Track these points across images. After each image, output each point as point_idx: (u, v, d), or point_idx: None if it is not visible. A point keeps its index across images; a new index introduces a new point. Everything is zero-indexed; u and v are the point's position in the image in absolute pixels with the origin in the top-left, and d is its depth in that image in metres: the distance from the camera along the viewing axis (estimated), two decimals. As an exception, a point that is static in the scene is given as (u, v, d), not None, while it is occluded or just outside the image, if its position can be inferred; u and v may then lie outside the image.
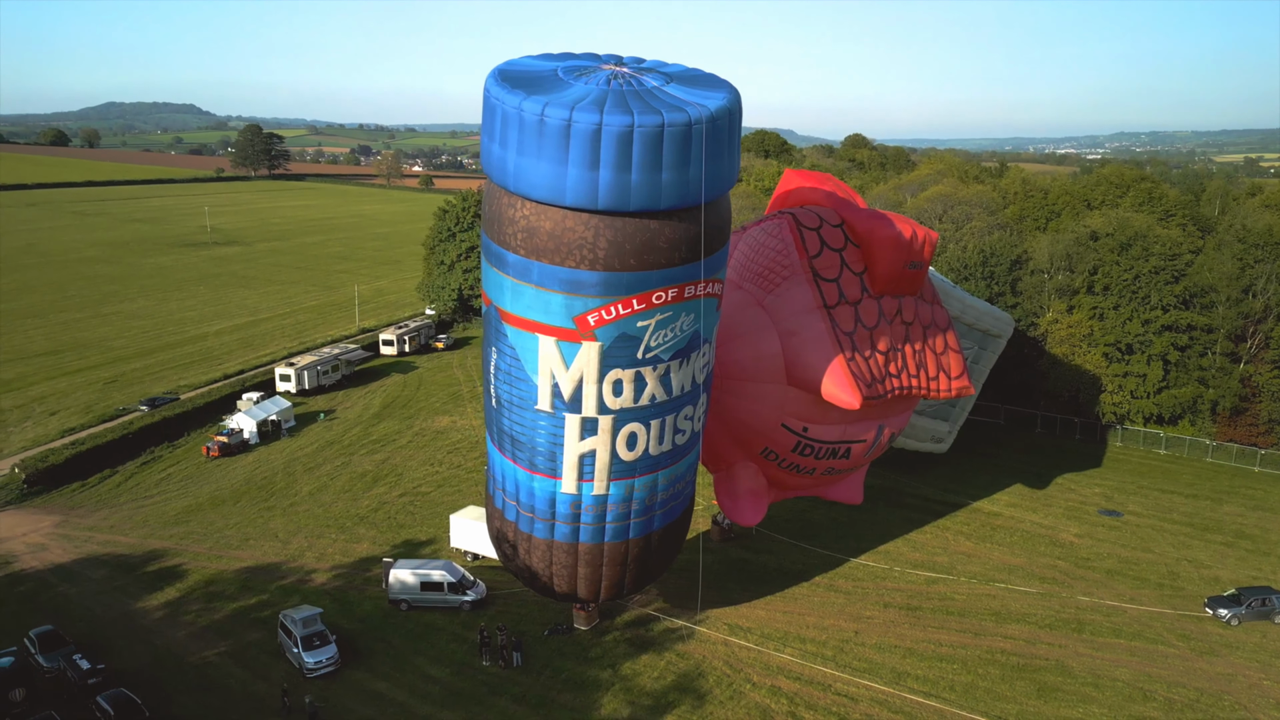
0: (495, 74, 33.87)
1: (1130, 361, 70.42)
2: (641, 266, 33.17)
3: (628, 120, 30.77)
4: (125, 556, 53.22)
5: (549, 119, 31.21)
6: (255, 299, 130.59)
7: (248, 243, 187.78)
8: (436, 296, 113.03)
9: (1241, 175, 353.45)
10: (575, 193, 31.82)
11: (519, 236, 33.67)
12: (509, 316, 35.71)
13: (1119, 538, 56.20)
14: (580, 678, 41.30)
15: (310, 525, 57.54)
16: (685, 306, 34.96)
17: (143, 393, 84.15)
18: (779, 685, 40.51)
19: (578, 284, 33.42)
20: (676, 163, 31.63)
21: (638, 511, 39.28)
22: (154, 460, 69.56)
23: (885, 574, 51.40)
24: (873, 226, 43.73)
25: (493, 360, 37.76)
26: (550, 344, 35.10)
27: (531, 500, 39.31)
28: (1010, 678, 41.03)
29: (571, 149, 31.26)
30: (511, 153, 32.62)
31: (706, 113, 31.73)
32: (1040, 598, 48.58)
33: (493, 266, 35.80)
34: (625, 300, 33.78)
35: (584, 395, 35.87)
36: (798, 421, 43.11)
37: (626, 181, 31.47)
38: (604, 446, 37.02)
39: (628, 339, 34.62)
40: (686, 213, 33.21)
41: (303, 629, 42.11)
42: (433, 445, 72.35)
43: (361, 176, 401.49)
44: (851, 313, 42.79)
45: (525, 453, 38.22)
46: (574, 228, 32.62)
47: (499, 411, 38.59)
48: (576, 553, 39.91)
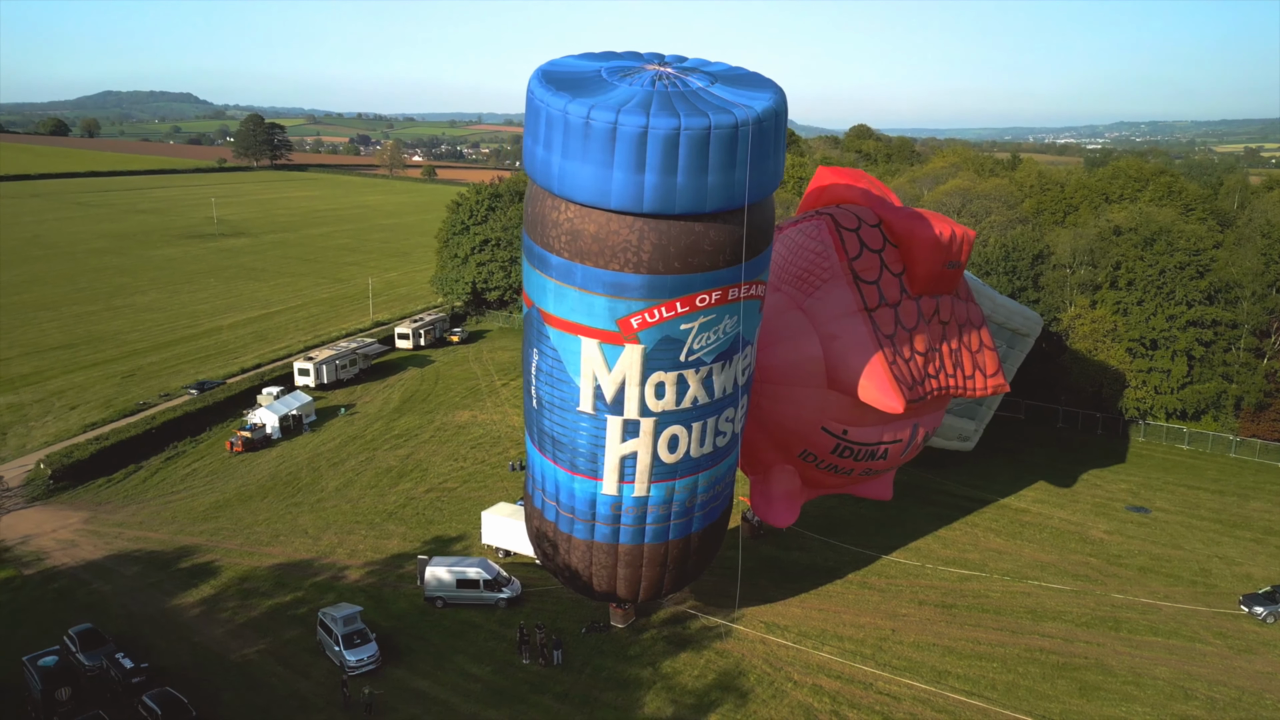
0: (539, 75, 33.63)
1: (1154, 357, 70.43)
2: (686, 269, 32.99)
3: (674, 123, 30.45)
4: (157, 553, 53.22)
5: (594, 122, 30.90)
6: (266, 292, 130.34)
7: (254, 234, 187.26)
8: (450, 290, 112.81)
9: (1243, 165, 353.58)
10: (620, 196, 31.56)
11: (563, 239, 33.46)
12: (551, 318, 35.57)
13: (1148, 534, 56.30)
14: (621, 676, 41.39)
15: (339, 521, 57.54)
16: (729, 309, 34.82)
17: (161, 386, 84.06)
18: (820, 684, 40.60)
19: (621, 287, 33.23)
20: (722, 165, 31.36)
21: (678, 513, 39.25)
22: (178, 455, 69.51)
23: (918, 571, 51.49)
24: (912, 227, 43.57)
25: (534, 361, 37.61)
26: (593, 346, 34.98)
27: (572, 501, 39.28)
28: (1051, 676, 41.15)
29: (617, 152, 30.95)
30: (556, 155, 32.33)
31: (753, 114, 31.45)
32: (1075, 595, 48.68)
33: (535, 268, 35.59)
34: (669, 303, 33.63)
35: (626, 397, 35.78)
36: (837, 424, 43.04)
37: (672, 184, 31.19)
38: (645, 449, 36.95)
39: (671, 341, 34.51)
40: (731, 215, 32.94)
41: (343, 627, 42.16)
42: (455, 440, 72.32)
43: (363, 167, 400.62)
44: (891, 315, 42.68)
45: (566, 454, 38.17)
46: (618, 230, 32.39)
47: (540, 412, 38.49)
48: (616, 553, 39.91)
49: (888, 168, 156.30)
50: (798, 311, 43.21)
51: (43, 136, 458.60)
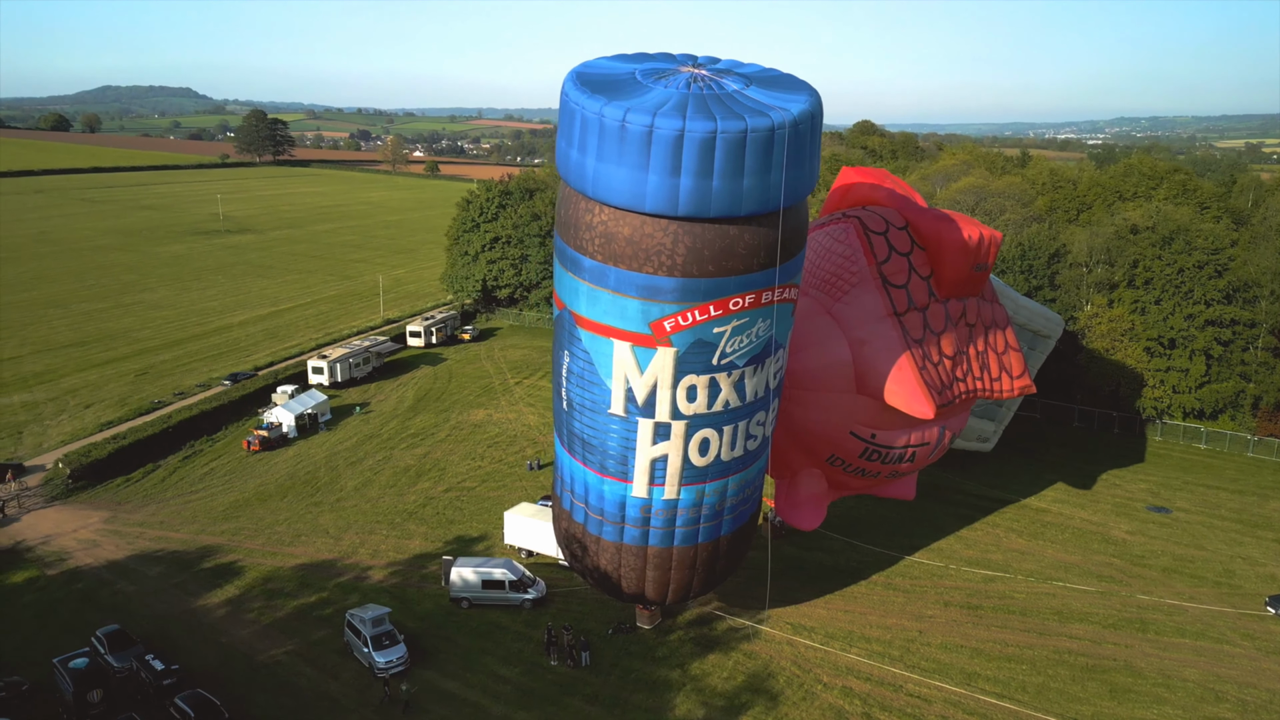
0: (573, 77, 33.48)
1: (1172, 356, 70.35)
2: (720, 273, 32.86)
3: (710, 126, 30.29)
4: (179, 553, 53.18)
5: (630, 125, 30.74)
6: (275, 289, 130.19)
7: (260, 231, 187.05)
8: (460, 287, 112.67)
9: (1246, 161, 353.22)
10: (655, 199, 31.42)
11: (596, 241, 33.37)
12: (583, 320, 35.47)
13: (1170, 535, 56.27)
14: (650, 678, 41.36)
15: (360, 521, 57.50)
16: (762, 312, 34.68)
17: (175, 384, 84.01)
18: (850, 686, 40.58)
19: (655, 290, 33.11)
20: (758, 168, 31.20)
21: (707, 516, 39.19)
22: (195, 454, 69.45)
23: (942, 572, 51.46)
24: (939, 230, 43.41)
25: (565, 363, 37.52)
26: (625, 349, 34.89)
27: (601, 503, 39.22)
28: (1081, 679, 41.12)
29: (652, 155, 30.80)
30: (590, 158, 32.19)
31: (789, 117, 31.27)
32: (1100, 596, 48.66)
33: (567, 271, 35.48)
34: (702, 306, 33.50)
35: (658, 400, 35.69)
36: (866, 429, 42.92)
37: (707, 187, 31.05)
38: (676, 452, 36.88)
39: (703, 345, 34.39)
40: (766, 218, 32.76)
41: (372, 628, 42.12)
42: (471, 439, 72.25)
43: (365, 162, 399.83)
44: (920, 319, 42.54)
45: (596, 456, 38.10)
46: (653, 234, 32.27)
47: (570, 414, 38.41)
48: (645, 556, 39.87)
49: (895, 165, 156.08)
50: (826, 316, 43.03)
51: (44, 132, 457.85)
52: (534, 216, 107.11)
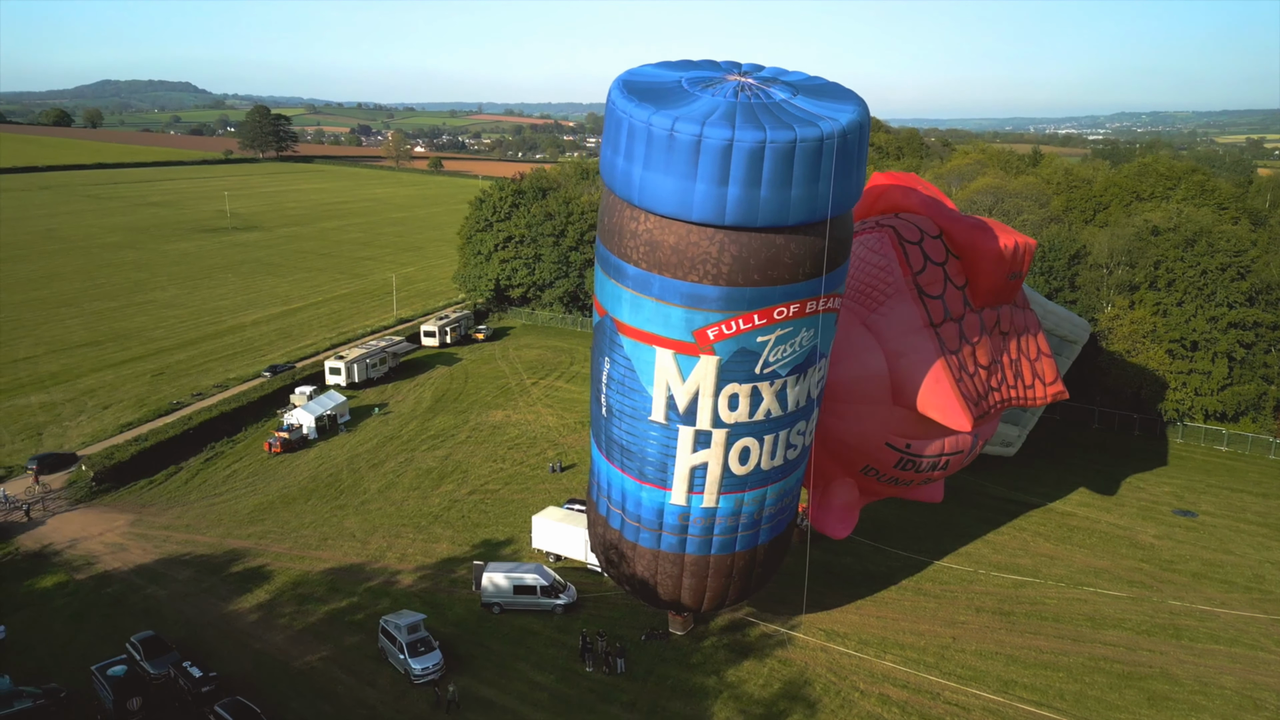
0: (620, 85, 33.38)
1: (1194, 358, 70.29)
2: (765, 282, 32.73)
3: (759, 136, 30.17)
4: (207, 557, 53.13)
5: (679, 134, 30.65)
6: (285, 287, 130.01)
7: (267, 228, 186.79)
8: (474, 286, 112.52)
9: (1249, 157, 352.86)
10: (703, 208, 31.33)
11: (641, 249, 33.27)
12: (625, 328, 35.38)
13: (1197, 539, 56.26)
14: (687, 685, 41.34)
15: (385, 524, 57.44)
16: (806, 322, 34.54)
17: (192, 384, 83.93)
18: (887, 693, 40.57)
19: (699, 298, 33.00)
20: (807, 178, 31.08)
21: (745, 525, 39.11)
22: (217, 456, 69.36)
23: (971, 577, 51.44)
24: (975, 239, 43.19)
25: (605, 370, 37.42)
26: (667, 356, 34.77)
27: (639, 510, 39.17)
28: (1118, 686, 41.13)
29: (701, 164, 30.71)
30: (637, 166, 32.09)
31: (838, 127, 31.15)
32: (1131, 602, 48.64)
33: (610, 278, 35.40)
34: (746, 315, 33.40)
35: (699, 408, 35.61)
36: (901, 439, 42.81)
37: (755, 197, 30.94)
38: (716, 460, 36.80)
39: (747, 354, 34.28)
40: (812, 228, 32.64)
41: (407, 635, 42.08)
42: (492, 441, 72.17)
43: (368, 158, 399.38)
44: (956, 329, 42.41)
45: (635, 462, 38.02)
46: (698, 242, 32.18)
47: (609, 421, 38.33)
48: (682, 563, 39.82)
49: (904, 164, 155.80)
50: (861, 327, 42.84)
51: (46, 127, 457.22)
52: (547, 216, 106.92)
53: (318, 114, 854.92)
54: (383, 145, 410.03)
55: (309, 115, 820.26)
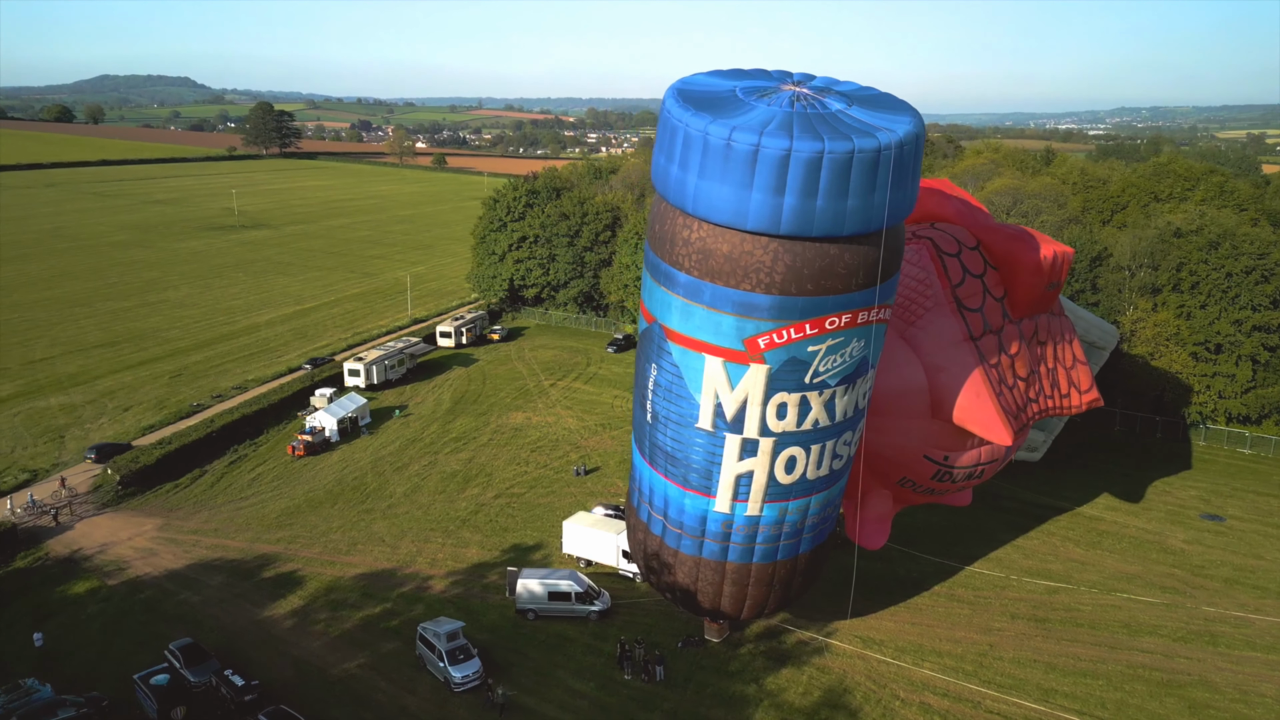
0: (674, 94, 33.33)
1: (1218, 361, 70.23)
2: (818, 292, 32.69)
3: (818, 146, 30.13)
4: (237, 562, 53.10)
5: (736, 144, 30.65)
6: (297, 287, 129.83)
7: (275, 226, 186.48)
8: (488, 286, 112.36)
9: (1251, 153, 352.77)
10: (758, 217, 31.31)
11: (693, 257, 33.23)
12: (675, 335, 35.34)
13: (1227, 544, 56.26)
14: (726, 693, 41.33)
15: (414, 529, 57.41)
16: (857, 332, 34.50)
17: (211, 386, 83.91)
18: (928, 702, 40.56)
19: (751, 307, 32.98)
20: (863, 189, 31.03)
21: (788, 534, 39.13)
22: (240, 459, 69.30)
23: (1003, 583, 51.44)
24: (1014, 250, 42.92)
25: (651, 376, 37.38)
26: (717, 364, 34.75)
27: (681, 516, 39.18)
28: (1158, 694, 41.12)
29: (757, 174, 30.70)
30: (692, 175, 32.07)
31: (895, 139, 31.09)
32: (1166, 608, 48.65)
33: (660, 285, 35.34)
34: (798, 325, 33.36)
35: (747, 416, 35.57)
36: (939, 452, 42.74)
37: (811, 207, 30.91)
38: (762, 468, 36.78)
39: (797, 363, 34.23)
40: (867, 238, 32.59)
41: (447, 643, 42.07)
42: (514, 444, 72.11)
43: (371, 155, 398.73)
44: (995, 342, 42.30)
45: (679, 469, 38.01)
46: (752, 251, 32.15)
47: (654, 427, 38.30)
48: (724, 571, 39.85)
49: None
50: (900, 340, 42.65)
51: (47, 123, 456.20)
52: (562, 216, 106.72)
53: (317, 109, 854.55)
54: (386, 142, 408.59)
55: (309, 110, 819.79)
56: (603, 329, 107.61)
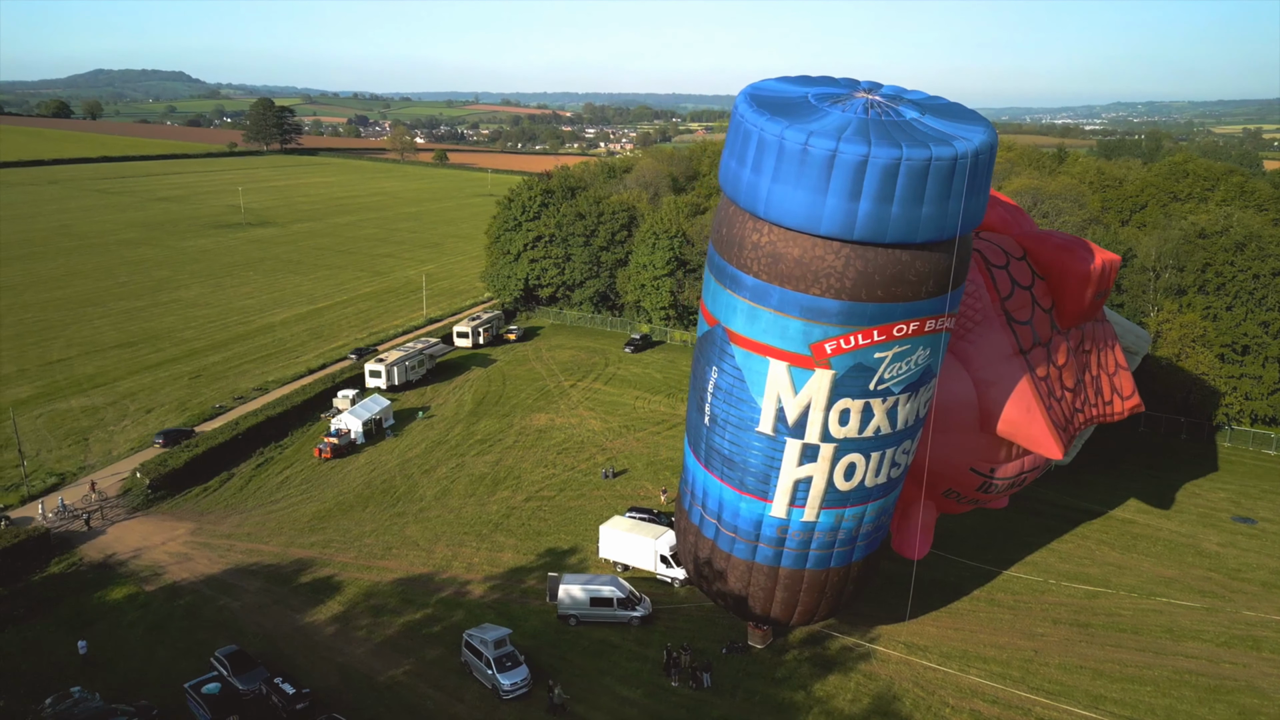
0: (747, 98, 33.35)
1: (1245, 362, 70.33)
2: (888, 298, 32.65)
3: (895, 153, 30.19)
4: (274, 567, 52.93)
5: (813, 148, 30.71)
6: (309, 286, 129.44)
7: (281, 224, 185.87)
8: (503, 286, 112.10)
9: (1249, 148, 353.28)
10: (831, 222, 31.37)
11: (762, 260, 33.25)
12: (739, 338, 35.27)
13: (1261, 546, 56.36)
14: (776, 700, 41.29)
15: (447, 533, 57.28)
16: (923, 341, 34.44)
17: (231, 387, 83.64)
18: (978, 709, 40.57)
19: (820, 311, 32.95)
20: (938, 196, 31.06)
21: (842, 541, 39.11)
22: (267, 462, 69.08)
23: (1042, 587, 51.46)
24: (1063, 262, 42.65)
25: (711, 379, 37.30)
26: (781, 368, 34.68)
27: (736, 520, 39.15)
28: (1206, 700, 41.18)
29: (834, 179, 30.76)
30: (765, 179, 32.13)
31: (971, 148, 31.13)
32: (1207, 613, 48.72)
33: (724, 287, 35.31)
34: (866, 331, 33.30)
35: (809, 421, 35.49)
36: (986, 464, 42.65)
37: (886, 213, 30.94)
38: (821, 474, 36.72)
39: (862, 369, 34.17)
40: (938, 246, 32.66)
41: (494, 650, 41.97)
42: (539, 446, 71.97)
43: (371, 151, 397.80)
44: (1044, 354, 42.17)
45: (736, 472, 37.95)
46: (823, 256, 32.16)
47: (712, 429, 38.23)
48: (777, 576, 39.81)
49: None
50: (949, 355, 42.43)
51: (45, 118, 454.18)
52: (578, 216, 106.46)
53: (314, 104, 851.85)
54: (388, 138, 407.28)
55: (305, 105, 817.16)
56: (618, 329, 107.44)
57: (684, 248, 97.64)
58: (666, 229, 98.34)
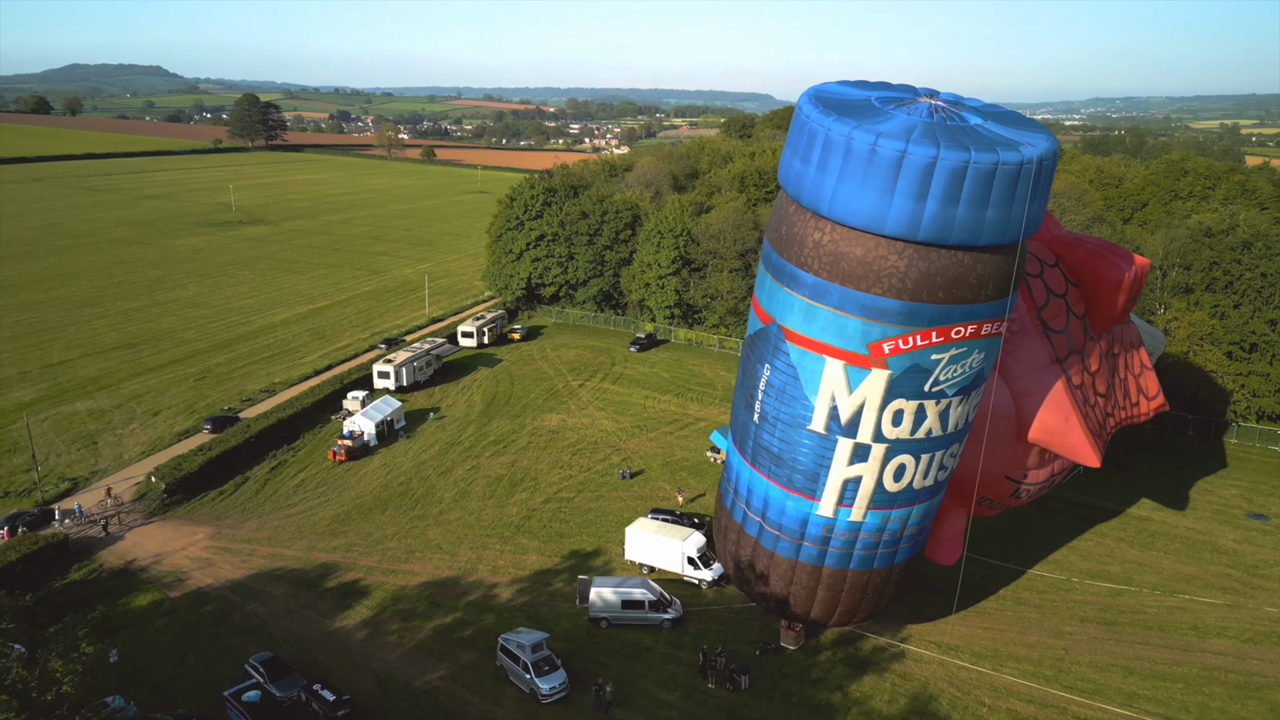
0: (811, 99, 33.83)
1: (1252, 360, 71.14)
2: (948, 300, 32.99)
3: (964, 156, 30.59)
4: (298, 571, 52.61)
5: (881, 149, 31.10)
6: (306, 285, 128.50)
7: (273, 222, 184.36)
8: (505, 285, 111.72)
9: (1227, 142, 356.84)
10: (897, 222, 31.72)
11: (823, 259, 33.56)
12: (795, 336, 35.53)
13: (1277, 543, 57.07)
14: (814, 701, 41.46)
15: (469, 535, 57.11)
16: (979, 344, 34.78)
17: (238, 389, 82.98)
18: (1015, 709, 40.91)
19: (880, 311, 33.28)
20: (1003, 200, 31.49)
21: (887, 543, 39.42)
22: (281, 465, 68.60)
23: (1066, 585, 51.92)
24: (1097, 269, 42.89)
25: (763, 376, 37.53)
26: (837, 367, 34.95)
27: (781, 519, 39.40)
28: (1239, 697, 41.71)
29: (901, 180, 31.12)
30: (831, 178, 32.46)
31: (1036, 154, 31.65)
32: (1229, 609, 49.32)
33: (782, 285, 35.57)
34: (924, 332, 33.60)
35: (862, 421, 35.78)
36: (1019, 472, 43.09)
37: (951, 215, 31.33)
38: (871, 475, 36.99)
39: (918, 370, 34.47)
40: (999, 250, 33.05)
41: (531, 654, 41.91)
42: (553, 446, 71.82)
43: (357, 147, 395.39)
44: (1079, 362, 42.61)
45: (785, 470, 38.15)
46: (886, 256, 32.48)
47: (761, 427, 38.45)
48: (820, 576, 40.10)
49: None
50: None
51: (25, 115, 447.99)
52: (582, 215, 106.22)
53: (294, 99, 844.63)
54: (374, 134, 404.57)
55: (286, 100, 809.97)
56: (622, 328, 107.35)
57: (689, 247, 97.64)
58: (671, 228, 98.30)
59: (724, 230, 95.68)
